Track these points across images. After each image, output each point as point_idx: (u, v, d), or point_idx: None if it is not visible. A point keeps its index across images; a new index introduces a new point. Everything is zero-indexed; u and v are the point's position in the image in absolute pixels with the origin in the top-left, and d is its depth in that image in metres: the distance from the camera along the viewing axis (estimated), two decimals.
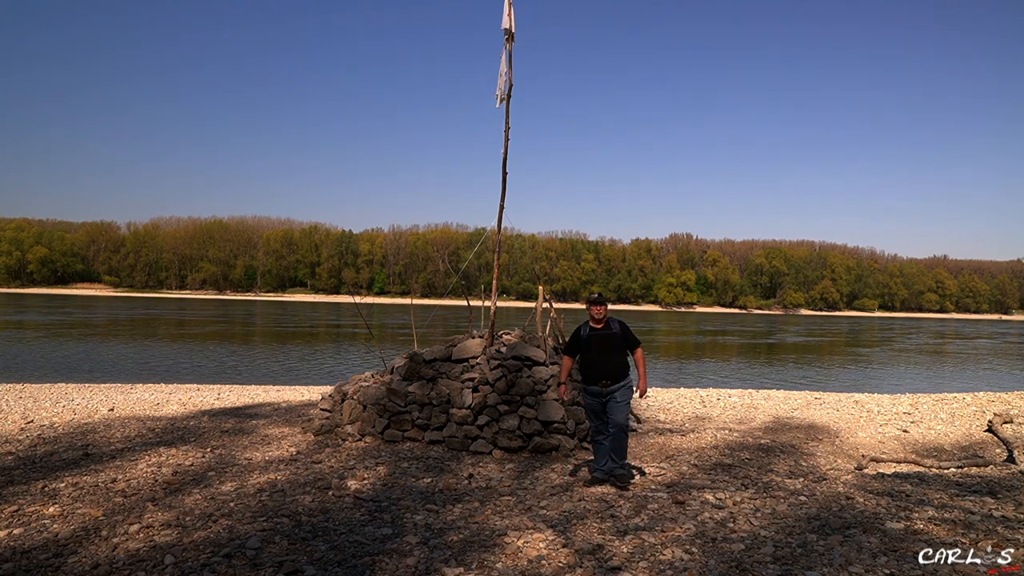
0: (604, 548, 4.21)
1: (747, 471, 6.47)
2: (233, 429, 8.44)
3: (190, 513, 4.91)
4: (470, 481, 6.03)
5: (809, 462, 7.33)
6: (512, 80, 8.26)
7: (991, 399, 13.40)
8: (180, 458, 6.75)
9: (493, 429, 7.32)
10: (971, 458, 8.00)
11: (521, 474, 6.34)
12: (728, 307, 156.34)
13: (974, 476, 6.87)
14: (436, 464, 6.64)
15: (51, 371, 19.71)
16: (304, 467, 6.43)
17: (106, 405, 11.27)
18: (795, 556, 4.05)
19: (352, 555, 4.12)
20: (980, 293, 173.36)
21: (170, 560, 3.96)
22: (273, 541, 4.31)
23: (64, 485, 5.66)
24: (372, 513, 4.98)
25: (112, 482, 5.78)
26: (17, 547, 4.21)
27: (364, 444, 7.50)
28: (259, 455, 6.95)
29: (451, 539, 4.41)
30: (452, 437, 7.36)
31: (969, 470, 7.32)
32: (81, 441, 7.64)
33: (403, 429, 7.61)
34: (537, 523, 4.74)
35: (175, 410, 10.77)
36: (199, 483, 5.80)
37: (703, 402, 13.06)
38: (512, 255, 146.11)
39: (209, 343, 31.98)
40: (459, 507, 5.18)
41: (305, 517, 4.85)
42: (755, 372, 25.56)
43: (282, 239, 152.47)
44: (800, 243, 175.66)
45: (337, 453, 7.05)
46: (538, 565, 3.95)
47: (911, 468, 7.56)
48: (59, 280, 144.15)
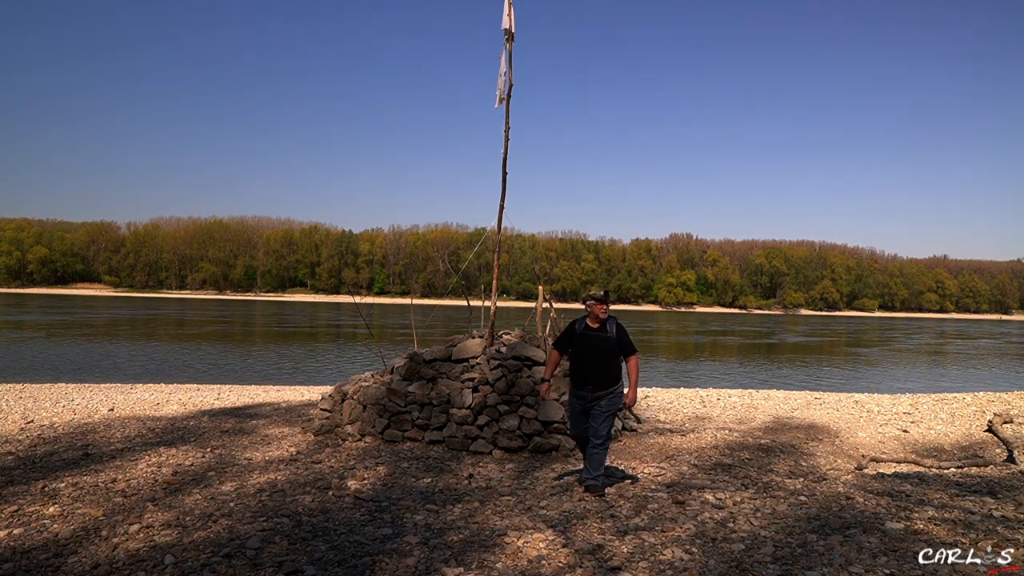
0: (604, 548, 4.21)
1: (747, 471, 6.47)
2: (233, 429, 8.44)
3: (190, 513, 4.91)
4: (470, 481, 6.03)
5: (809, 462, 7.33)
6: (512, 80, 8.26)
7: (991, 399, 13.40)
8: (180, 458, 6.75)
9: (493, 429, 7.32)
10: (971, 458, 8.00)
11: (521, 474, 6.34)
12: (728, 307, 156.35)
13: (974, 476, 6.87)
14: (436, 464, 6.64)
15: (51, 371, 19.71)
16: (304, 467, 6.43)
17: (106, 405, 11.27)
18: (795, 556, 4.05)
19: (352, 555, 4.12)
20: (980, 293, 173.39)
21: (170, 560, 3.96)
22: (273, 541, 4.31)
23: (64, 485, 5.66)
24: (372, 513, 4.98)
25: (112, 482, 5.78)
26: (17, 547, 4.21)
27: (364, 444, 7.50)
28: (259, 455, 6.95)
29: (451, 539, 4.41)
30: (452, 437, 7.36)
31: (969, 470, 7.32)
32: (81, 441, 7.64)
33: (403, 429, 7.61)
34: (537, 523, 4.74)
35: (175, 410, 10.77)
36: (199, 483, 5.80)
37: (703, 402, 13.06)
38: (512, 255, 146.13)
39: (209, 343, 31.98)
40: (459, 507, 5.18)
41: (305, 517, 4.85)
42: (755, 372, 25.56)
43: (282, 239, 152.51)
44: (800, 243, 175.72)
45: (337, 453, 7.05)
46: (538, 565, 3.95)
47: (911, 468, 7.56)
48: (59, 280, 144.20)
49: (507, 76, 8.21)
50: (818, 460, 7.51)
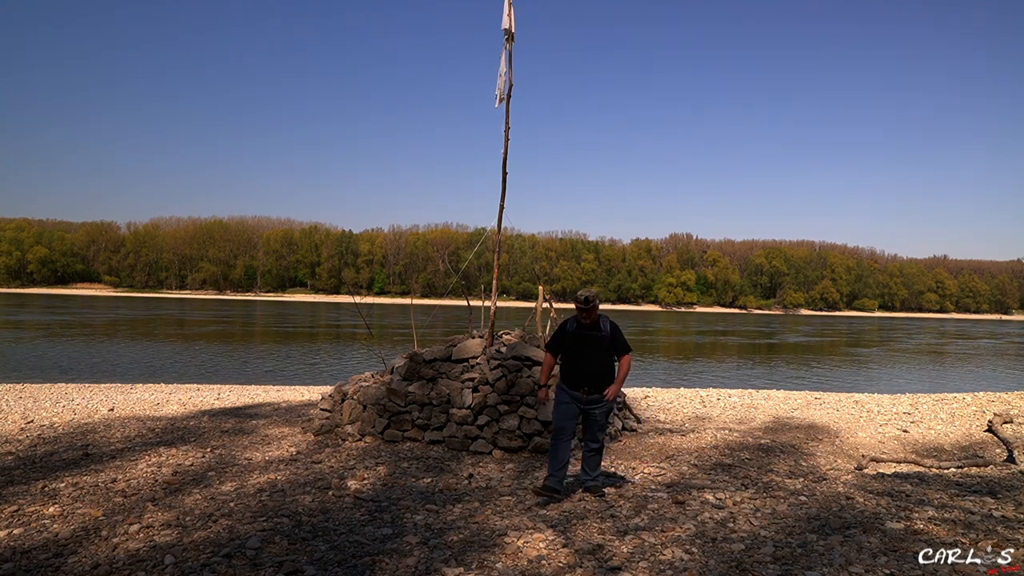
0: (604, 548, 4.21)
1: (747, 471, 6.47)
2: (233, 429, 8.44)
3: (190, 513, 4.91)
4: (470, 481, 6.03)
5: (809, 462, 7.33)
6: (512, 80, 8.26)
7: (991, 399, 13.40)
8: (180, 458, 6.75)
9: (493, 429, 7.32)
10: (971, 458, 8.00)
11: (521, 474, 6.34)
12: (728, 307, 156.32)
13: (974, 476, 6.87)
14: (436, 464, 6.64)
15: (51, 371, 19.71)
16: (304, 467, 6.43)
17: (106, 405, 11.27)
18: (795, 556, 4.05)
19: (352, 555, 4.12)
20: (980, 293, 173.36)
21: (170, 560, 3.96)
22: (273, 541, 4.31)
23: (64, 485, 5.66)
24: (372, 513, 4.98)
25: (112, 482, 5.78)
26: (17, 547, 4.21)
27: (364, 444, 7.50)
28: (259, 455, 6.95)
29: (451, 539, 4.41)
30: (452, 437, 7.36)
31: (969, 470, 7.32)
32: (81, 441, 7.64)
33: (403, 429, 7.61)
34: (537, 523, 4.74)
35: (175, 410, 10.77)
36: (199, 483, 5.80)
37: (703, 402, 13.06)
38: (512, 255, 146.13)
39: (209, 343, 31.97)
40: (459, 507, 5.18)
41: (305, 517, 4.85)
42: (755, 372, 25.56)
43: (282, 239, 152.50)
44: (800, 243, 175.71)
45: (337, 453, 7.05)
46: (538, 565, 3.95)
47: (911, 468, 7.56)
48: (59, 280, 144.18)
49: (507, 76, 8.21)
50: (818, 460, 7.51)
